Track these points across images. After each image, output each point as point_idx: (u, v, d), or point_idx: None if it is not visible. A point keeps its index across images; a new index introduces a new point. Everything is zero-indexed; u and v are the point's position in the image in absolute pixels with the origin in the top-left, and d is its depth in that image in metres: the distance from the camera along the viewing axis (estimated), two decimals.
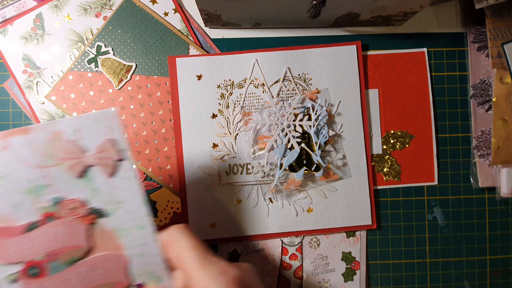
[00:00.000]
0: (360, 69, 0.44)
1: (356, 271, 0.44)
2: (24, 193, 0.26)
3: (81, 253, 0.27)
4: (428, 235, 0.46)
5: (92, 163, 0.26)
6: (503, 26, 0.43)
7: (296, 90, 0.44)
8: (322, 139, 0.43)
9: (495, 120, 0.44)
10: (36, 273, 0.26)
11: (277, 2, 0.37)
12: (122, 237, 0.27)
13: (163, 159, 0.43)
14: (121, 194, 0.27)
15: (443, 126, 0.46)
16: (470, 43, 0.46)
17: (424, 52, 0.46)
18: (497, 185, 0.45)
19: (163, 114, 0.44)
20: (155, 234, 0.28)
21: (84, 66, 0.43)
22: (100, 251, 0.27)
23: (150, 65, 0.44)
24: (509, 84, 0.44)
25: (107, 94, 0.44)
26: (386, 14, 0.42)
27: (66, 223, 0.27)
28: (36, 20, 0.43)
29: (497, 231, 0.46)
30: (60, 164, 0.26)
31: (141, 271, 0.28)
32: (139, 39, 0.44)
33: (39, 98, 0.43)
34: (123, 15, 0.44)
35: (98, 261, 0.27)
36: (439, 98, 0.46)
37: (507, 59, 0.43)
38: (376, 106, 0.45)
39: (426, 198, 0.46)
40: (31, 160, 0.26)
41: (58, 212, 0.26)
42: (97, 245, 0.27)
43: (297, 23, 0.44)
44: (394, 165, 0.45)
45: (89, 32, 0.44)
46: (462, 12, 0.46)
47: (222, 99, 0.43)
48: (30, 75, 0.43)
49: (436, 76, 0.46)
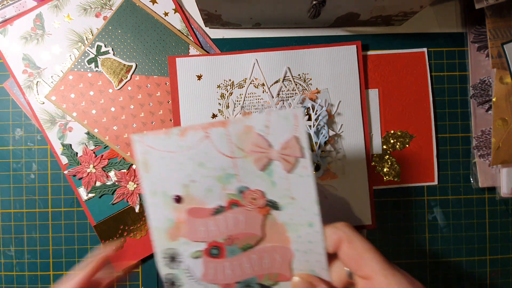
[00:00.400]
0: (360, 69, 0.44)
1: None
2: (216, 179, 0.29)
3: (254, 241, 0.29)
4: (428, 235, 0.46)
5: (275, 158, 0.28)
6: (503, 26, 0.43)
7: (296, 90, 0.44)
8: (322, 139, 0.43)
9: (495, 120, 0.44)
10: (216, 254, 0.29)
11: (277, 2, 0.37)
12: (290, 232, 0.29)
13: None
14: (296, 190, 0.29)
15: (443, 126, 0.46)
16: (470, 43, 0.46)
17: (424, 52, 0.46)
18: (497, 185, 0.45)
19: (163, 114, 0.44)
20: (322, 233, 0.28)
21: (84, 66, 0.43)
22: (269, 242, 0.29)
23: (150, 65, 0.44)
24: (509, 84, 0.43)
25: (107, 94, 0.44)
26: (386, 14, 0.42)
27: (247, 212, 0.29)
28: (36, 20, 0.43)
29: (497, 231, 0.46)
30: (248, 156, 0.28)
31: (302, 267, 0.29)
32: (139, 39, 0.44)
33: (39, 98, 0.43)
34: (123, 15, 0.44)
35: (267, 251, 0.29)
36: (439, 98, 0.46)
37: (507, 59, 0.43)
38: (376, 106, 0.45)
39: (426, 198, 0.46)
40: (225, 150, 0.28)
41: (241, 201, 0.29)
42: (268, 235, 0.29)
43: (297, 23, 0.44)
44: (394, 165, 0.45)
45: (89, 32, 0.44)
46: (462, 12, 0.46)
47: (222, 99, 0.43)
48: (30, 75, 0.43)
49: (436, 76, 0.46)
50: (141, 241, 0.43)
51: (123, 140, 0.43)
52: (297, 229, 0.29)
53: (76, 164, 0.43)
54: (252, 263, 0.29)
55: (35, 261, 0.44)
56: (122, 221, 0.43)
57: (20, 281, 0.44)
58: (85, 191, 0.43)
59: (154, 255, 0.29)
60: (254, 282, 0.30)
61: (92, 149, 0.43)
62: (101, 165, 0.43)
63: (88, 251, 0.44)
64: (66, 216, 0.44)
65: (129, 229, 0.43)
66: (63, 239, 0.44)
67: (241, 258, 0.29)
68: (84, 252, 0.44)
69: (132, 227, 0.43)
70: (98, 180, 0.43)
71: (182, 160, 0.28)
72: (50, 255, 0.44)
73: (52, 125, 0.43)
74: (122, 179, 0.43)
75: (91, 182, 0.43)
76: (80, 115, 0.43)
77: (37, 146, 0.45)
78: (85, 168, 0.43)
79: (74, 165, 0.43)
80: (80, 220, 0.44)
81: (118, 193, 0.43)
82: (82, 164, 0.43)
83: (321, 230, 0.28)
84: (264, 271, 0.29)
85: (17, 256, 0.44)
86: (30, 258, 0.44)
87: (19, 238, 0.44)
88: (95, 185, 0.43)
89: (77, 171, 0.43)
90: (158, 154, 0.28)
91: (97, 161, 0.43)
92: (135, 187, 0.43)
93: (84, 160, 0.43)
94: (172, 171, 0.28)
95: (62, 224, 0.44)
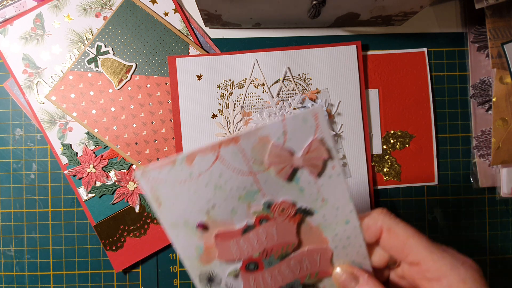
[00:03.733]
0: (360, 69, 0.44)
1: None
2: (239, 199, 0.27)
3: (291, 248, 0.28)
4: (428, 235, 0.46)
5: (300, 165, 0.27)
6: (503, 26, 0.43)
7: (296, 90, 0.44)
8: None
9: (495, 120, 0.44)
10: (253, 268, 0.28)
11: (277, 2, 0.37)
12: (327, 232, 0.28)
13: (163, 159, 0.43)
14: (326, 192, 0.28)
15: (443, 126, 0.46)
16: (470, 43, 0.46)
17: (424, 52, 0.46)
18: (497, 185, 0.45)
19: (163, 114, 0.44)
20: (360, 228, 0.28)
21: (84, 66, 0.43)
22: (307, 245, 0.29)
23: (150, 65, 0.44)
24: (509, 84, 0.43)
25: (107, 94, 0.44)
26: (386, 14, 0.42)
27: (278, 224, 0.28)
28: (36, 20, 0.43)
29: (497, 231, 0.46)
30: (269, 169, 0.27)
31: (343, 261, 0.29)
32: (139, 39, 0.44)
33: (39, 98, 0.43)
34: (123, 15, 0.44)
35: (306, 254, 0.29)
36: (439, 98, 0.46)
37: (507, 59, 0.43)
38: (376, 106, 0.45)
39: (426, 198, 0.46)
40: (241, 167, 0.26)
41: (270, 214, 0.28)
42: (305, 240, 0.29)
43: (297, 23, 0.44)
44: (394, 165, 0.45)
45: (89, 32, 0.44)
46: (462, 12, 0.46)
47: (222, 99, 0.43)
48: (30, 75, 0.43)
49: (436, 76, 0.46)
50: (141, 241, 0.43)
51: (123, 140, 0.43)
52: (333, 228, 0.28)
53: (76, 164, 0.43)
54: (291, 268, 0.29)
55: (35, 261, 0.44)
56: (122, 221, 0.43)
57: (20, 281, 0.44)
58: (85, 191, 0.43)
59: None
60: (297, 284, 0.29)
61: (92, 149, 0.43)
62: (101, 165, 0.43)
63: (88, 251, 0.44)
64: (66, 216, 0.44)
65: (129, 229, 0.43)
66: (63, 239, 0.44)
67: (280, 266, 0.29)
68: (84, 252, 0.44)
69: (132, 227, 0.43)
70: (98, 180, 0.43)
71: (196, 188, 0.26)
72: (50, 255, 0.44)
73: (52, 125, 0.43)
74: (122, 179, 0.43)
75: (91, 182, 0.43)
76: (80, 115, 0.43)
77: (37, 146, 0.45)
78: (85, 168, 0.43)
79: (74, 165, 0.43)
80: (80, 220, 0.44)
81: (118, 193, 0.43)
82: (82, 164, 0.43)
83: (359, 224, 0.28)
84: (305, 272, 0.29)
85: (17, 256, 0.44)
86: (30, 258, 0.44)
87: (19, 238, 0.44)
88: (95, 185, 0.43)
89: (77, 171, 0.43)
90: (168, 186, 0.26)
91: (97, 161, 0.43)
92: (135, 187, 0.43)
93: (84, 160, 0.43)
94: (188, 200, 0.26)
95: (62, 224, 0.44)
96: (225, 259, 0.28)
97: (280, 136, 0.26)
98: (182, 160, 0.26)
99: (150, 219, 0.43)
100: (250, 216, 0.27)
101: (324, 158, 0.26)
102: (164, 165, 0.26)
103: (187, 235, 0.27)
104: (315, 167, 0.27)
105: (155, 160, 0.43)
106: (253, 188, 0.27)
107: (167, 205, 0.26)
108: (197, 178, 0.26)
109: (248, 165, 0.26)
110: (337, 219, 0.28)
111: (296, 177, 0.27)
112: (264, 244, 0.28)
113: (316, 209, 0.28)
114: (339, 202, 0.28)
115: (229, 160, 0.26)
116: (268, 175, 0.27)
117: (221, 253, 0.28)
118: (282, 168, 0.26)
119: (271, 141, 0.26)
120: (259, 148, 0.26)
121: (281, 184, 0.27)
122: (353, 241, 0.29)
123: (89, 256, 0.44)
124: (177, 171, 0.26)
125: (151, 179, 0.26)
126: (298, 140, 0.26)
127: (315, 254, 0.29)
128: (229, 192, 0.27)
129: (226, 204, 0.27)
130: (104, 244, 0.43)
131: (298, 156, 0.26)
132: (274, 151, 0.26)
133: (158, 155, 0.43)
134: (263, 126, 0.26)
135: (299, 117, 0.26)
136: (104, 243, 0.43)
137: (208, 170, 0.26)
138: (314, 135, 0.26)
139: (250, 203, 0.27)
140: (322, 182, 0.27)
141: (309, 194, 0.27)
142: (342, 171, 0.27)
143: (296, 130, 0.26)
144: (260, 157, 0.26)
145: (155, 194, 0.26)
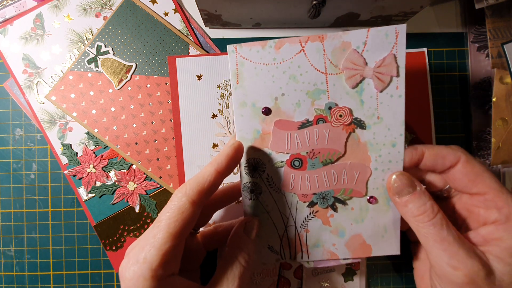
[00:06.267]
0: None
1: (356, 271, 0.44)
2: (306, 94, 0.29)
3: (336, 157, 0.30)
4: None
5: (369, 75, 0.28)
6: (503, 26, 0.43)
7: None
8: None
9: (495, 120, 0.44)
10: (298, 165, 0.30)
11: (277, 2, 0.37)
12: (372, 151, 0.29)
13: (163, 159, 0.43)
14: (384, 110, 0.29)
15: (443, 126, 0.46)
16: (470, 43, 0.46)
17: (424, 52, 0.46)
18: None
19: (163, 114, 0.44)
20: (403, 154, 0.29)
21: (84, 66, 0.43)
22: (350, 159, 0.30)
23: (150, 65, 0.44)
24: (509, 84, 0.44)
25: (107, 94, 0.44)
26: (386, 14, 0.42)
27: (332, 128, 0.29)
28: (36, 20, 0.43)
29: None
30: (341, 73, 0.28)
31: (378, 186, 0.30)
32: (139, 39, 0.44)
33: (39, 98, 0.43)
34: (123, 15, 0.44)
35: (347, 167, 0.30)
36: (439, 98, 0.46)
37: (507, 59, 0.43)
38: None
39: None
40: (319, 65, 0.28)
41: (328, 117, 0.29)
42: (349, 153, 0.30)
43: (297, 23, 0.44)
44: None
45: (89, 32, 0.44)
46: (462, 12, 0.46)
47: (222, 99, 0.43)
48: (30, 75, 0.43)
49: (436, 76, 0.46)
50: None
51: (123, 140, 0.43)
52: (379, 148, 0.29)
53: (76, 164, 0.43)
54: (330, 177, 0.30)
55: (35, 261, 0.44)
56: (122, 221, 0.43)
57: (20, 281, 0.44)
58: (85, 191, 0.43)
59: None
60: (330, 195, 0.30)
61: (92, 149, 0.43)
62: (101, 165, 0.43)
63: (88, 251, 0.44)
64: (66, 216, 0.44)
65: (129, 229, 0.43)
66: (63, 239, 0.44)
67: (321, 172, 0.30)
68: (84, 252, 0.44)
69: (132, 227, 0.43)
70: (98, 180, 0.43)
71: (275, 73, 0.28)
72: (50, 255, 0.44)
73: (52, 125, 0.43)
74: (122, 179, 0.43)
75: (91, 182, 0.43)
76: (80, 115, 0.43)
77: (37, 146, 0.45)
78: (85, 168, 0.43)
79: (74, 165, 0.43)
80: (80, 220, 0.44)
81: (118, 193, 0.43)
82: (82, 164, 0.43)
83: (403, 150, 0.29)
84: (341, 186, 0.30)
85: (17, 256, 0.44)
86: (30, 258, 0.44)
87: (19, 238, 0.44)
88: (95, 185, 0.43)
89: (77, 171, 0.43)
90: (251, 66, 0.29)
91: (97, 161, 0.43)
92: (135, 187, 0.43)
93: (84, 160, 0.43)
94: (264, 83, 0.29)
95: (62, 224, 0.44)
96: (276, 149, 0.30)
97: (360, 45, 0.28)
98: (272, 44, 0.28)
99: (150, 219, 0.44)
100: (311, 113, 0.29)
101: (393, 74, 0.28)
102: (256, 45, 0.28)
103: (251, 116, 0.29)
104: (382, 81, 0.28)
105: (155, 160, 0.44)
106: (322, 87, 0.29)
107: (244, 83, 0.29)
108: (278, 64, 0.28)
109: (325, 64, 0.28)
110: (385, 140, 0.29)
111: (361, 87, 0.28)
112: (314, 145, 0.29)
113: (369, 125, 0.29)
114: (392, 123, 0.29)
115: (310, 55, 0.28)
116: (338, 79, 0.28)
117: (274, 142, 0.30)
118: (353, 75, 0.28)
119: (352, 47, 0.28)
120: (339, 52, 0.28)
121: (347, 90, 0.29)
122: (393, 166, 0.30)
123: (89, 256, 0.44)
124: (265, 53, 0.28)
125: (239, 55, 0.29)
126: (375, 52, 0.28)
127: (355, 170, 0.30)
128: (301, 84, 0.29)
129: (294, 95, 0.29)
130: (104, 244, 0.43)
131: (370, 67, 0.28)
132: (351, 57, 0.28)
133: (158, 155, 0.43)
134: (349, 32, 0.28)
135: (382, 31, 0.27)
136: (104, 243, 0.43)
137: (290, 59, 0.28)
138: (390, 51, 0.28)
139: (314, 100, 0.29)
140: (383, 99, 0.28)
141: (368, 108, 0.29)
142: (403, 92, 0.28)
143: (375, 42, 0.28)
144: (337, 60, 0.28)
145: (239, 70, 0.29)
